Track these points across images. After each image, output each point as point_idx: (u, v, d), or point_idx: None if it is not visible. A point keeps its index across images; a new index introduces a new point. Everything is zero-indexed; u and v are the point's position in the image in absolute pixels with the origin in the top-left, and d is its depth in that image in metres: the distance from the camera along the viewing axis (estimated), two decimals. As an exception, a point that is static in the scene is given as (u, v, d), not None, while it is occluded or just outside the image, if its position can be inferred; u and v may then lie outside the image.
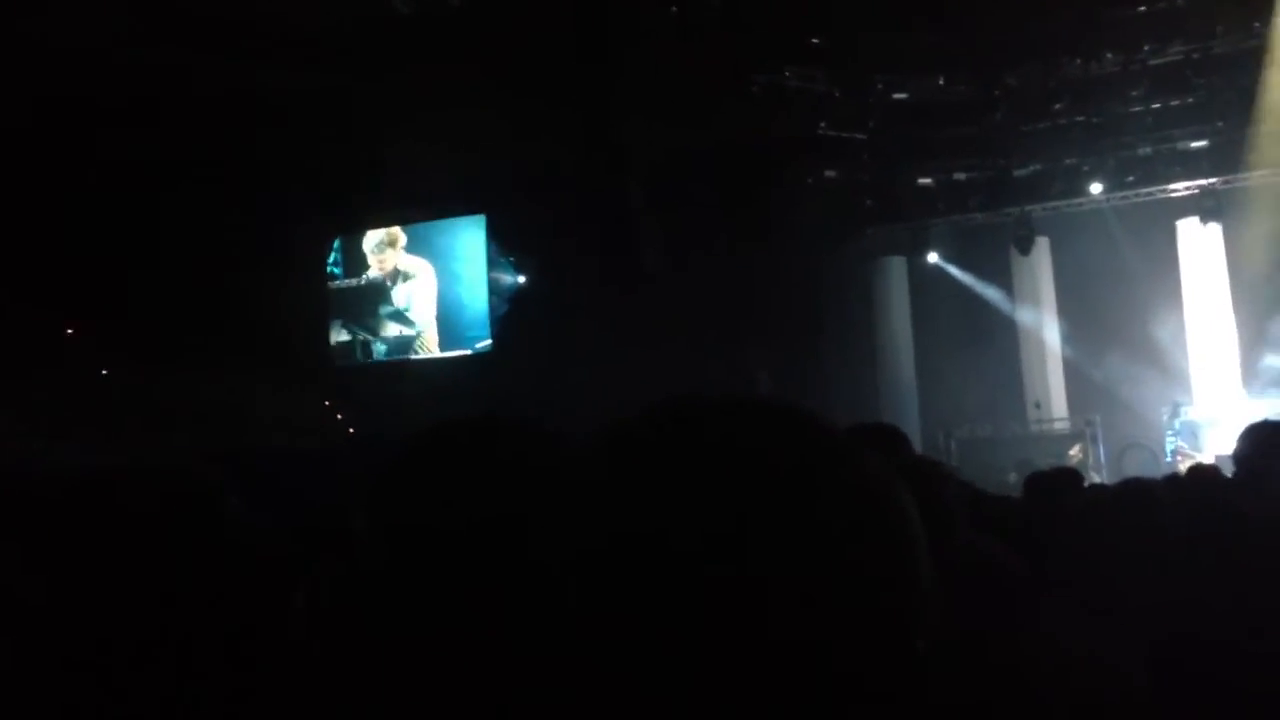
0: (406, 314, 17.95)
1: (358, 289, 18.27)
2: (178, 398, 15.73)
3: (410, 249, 18.07)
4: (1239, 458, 3.49)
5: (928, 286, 18.75)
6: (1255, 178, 16.61)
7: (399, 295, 18.04)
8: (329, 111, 14.94)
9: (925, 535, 0.70)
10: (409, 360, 17.86)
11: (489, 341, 17.36)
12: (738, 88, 16.35)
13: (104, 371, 15.88)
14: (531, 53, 14.06)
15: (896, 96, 17.44)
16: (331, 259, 18.43)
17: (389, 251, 18.08)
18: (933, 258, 18.74)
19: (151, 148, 14.95)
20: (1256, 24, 15.73)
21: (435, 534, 1.25)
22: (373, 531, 1.33)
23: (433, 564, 1.24)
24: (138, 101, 14.33)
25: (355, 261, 18.33)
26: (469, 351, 17.43)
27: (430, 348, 17.80)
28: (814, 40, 17.09)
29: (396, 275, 18.01)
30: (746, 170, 15.81)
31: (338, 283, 18.40)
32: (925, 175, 18.10)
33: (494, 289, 17.48)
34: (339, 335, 18.30)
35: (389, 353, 18.07)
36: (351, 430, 16.91)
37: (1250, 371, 16.99)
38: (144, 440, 14.61)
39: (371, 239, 18.19)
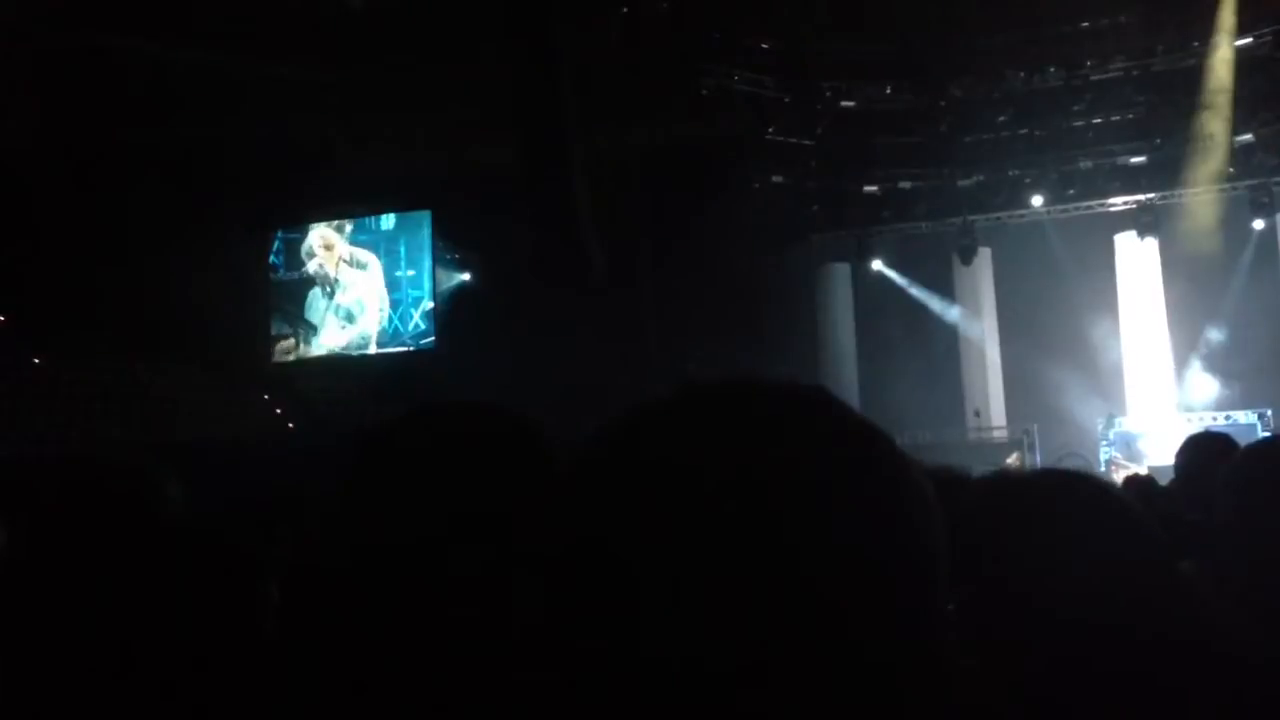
0: (349, 309, 17.76)
1: (300, 283, 18.04)
2: (112, 389, 15.43)
3: (355, 244, 17.89)
4: (1180, 468, 3.53)
5: (871, 293, 18.91)
6: (1191, 194, 16.96)
7: (342, 290, 17.85)
8: (275, 102, 14.75)
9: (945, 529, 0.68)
10: (350, 356, 17.68)
11: (432, 339, 17.23)
12: (687, 90, 16.38)
13: (35, 360, 15.53)
14: (478, 49, 13.98)
15: (844, 104, 17.57)
16: (274, 251, 18.18)
17: (335, 246, 17.87)
18: (877, 265, 18.90)
19: (87, 135, 14.66)
20: (1195, 43, 16.06)
21: (413, 527, 1.21)
22: (345, 523, 1.28)
23: (412, 556, 1.20)
24: (74, 87, 14.04)
25: (298, 255, 18.10)
26: (411, 348, 17.29)
27: (372, 344, 17.63)
28: (763, 45, 17.18)
29: (341, 270, 17.81)
30: (693, 173, 15.83)
31: (279, 275, 18.15)
32: (871, 183, 18.24)
33: (438, 286, 17.36)
34: (279, 329, 18.06)
35: (330, 348, 17.86)
36: (291, 425, 16.69)
37: (1183, 384, 17.34)
38: (79, 431, 14.33)
39: (317, 233, 17.96)
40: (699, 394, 0.72)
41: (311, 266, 17.90)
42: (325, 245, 17.86)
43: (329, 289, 17.85)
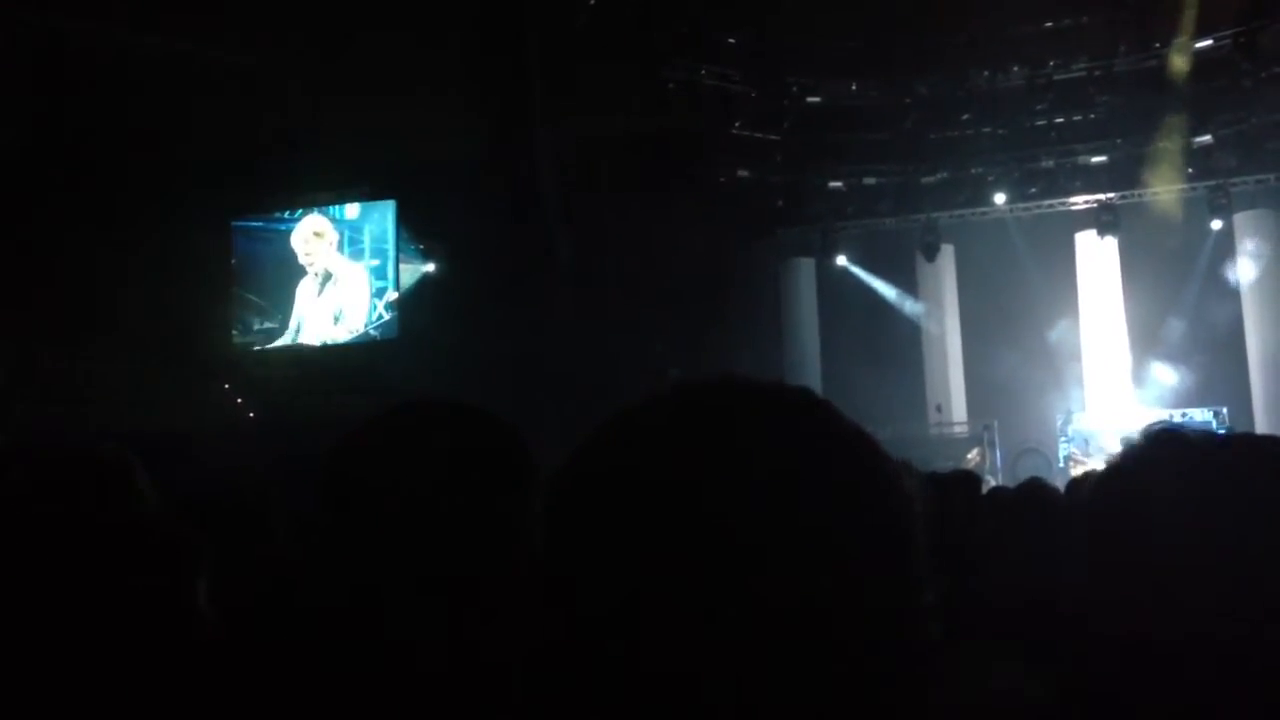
0: (340, 302, 17.54)
1: (259, 270, 17.85)
2: (66, 378, 15.25)
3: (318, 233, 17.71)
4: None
5: (835, 288, 18.99)
6: (1151, 194, 17.15)
7: (305, 280, 17.67)
8: (235, 86, 14.60)
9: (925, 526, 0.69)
10: (311, 346, 17.52)
11: (395, 329, 17.11)
12: (652, 82, 16.38)
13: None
14: (444, 37, 13.91)
15: (810, 99, 17.62)
16: (235, 239, 17.98)
17: (326, 234, 17.63)
18: (841, 260, 18.98)
19: (43, 120, 14.46)
20: (1157, 44, 16.24)
21: (396, 518, 1.18)
22: (326, 512, 1.25)
23: (394, 550, 1.17)
24: (26, 70, 13.84)
25: (258, 242, 17.92)
26: (375, 337, 17.16)
27: (334, 333, 17.46)
28: (730, 39, 17.20)
29: (333, 260, 17.57)
30: (658, 166, 15.84)
31: (239, 261, 17.94)
32: (836, 178, 18.32)
33: (401, 276, 17.23)
34: (239, 317, 17.86)
35: (291, 336, 17.69)
36: (251, 415, 16.55)
37: (1140, 382, 17.54)
38: (36, 421, 14.14)
39: (307, 221, 17.68)
40: (689, 397, 0.71)
41: (275, 254, 17.67)
42: (315, 233, 17.59)
43: (291, 277, 17.64)
